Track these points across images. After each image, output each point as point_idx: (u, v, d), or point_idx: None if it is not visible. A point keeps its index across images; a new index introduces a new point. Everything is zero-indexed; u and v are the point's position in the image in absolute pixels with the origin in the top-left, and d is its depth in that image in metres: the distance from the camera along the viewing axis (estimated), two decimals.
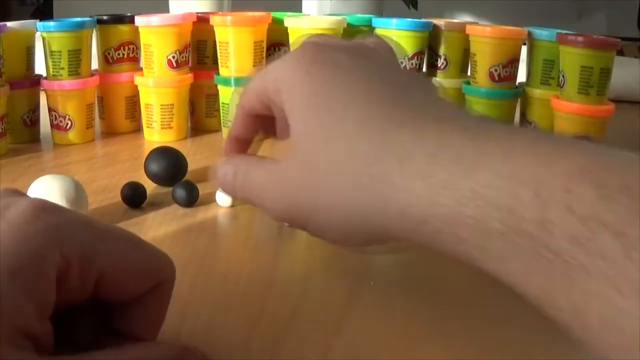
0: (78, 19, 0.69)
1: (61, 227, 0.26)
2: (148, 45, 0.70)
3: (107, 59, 0.72)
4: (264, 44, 0.72)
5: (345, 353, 0.32)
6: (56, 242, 0.25)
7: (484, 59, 0.69)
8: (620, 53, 1.11)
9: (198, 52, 0.75)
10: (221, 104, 0.73)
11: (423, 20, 0.72)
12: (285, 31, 0.72)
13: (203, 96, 0.76)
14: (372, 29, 0.74)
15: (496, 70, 0.69)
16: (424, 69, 0.75)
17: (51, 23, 0.67)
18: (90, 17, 0.70)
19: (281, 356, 0.31)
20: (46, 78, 0.69)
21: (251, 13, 0.72)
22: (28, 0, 2.42)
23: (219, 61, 0.72)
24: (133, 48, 0.73)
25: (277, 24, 0.73)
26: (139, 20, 0.70)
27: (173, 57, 0.70)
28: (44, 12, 2.24)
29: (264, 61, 0.72)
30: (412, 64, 0.71)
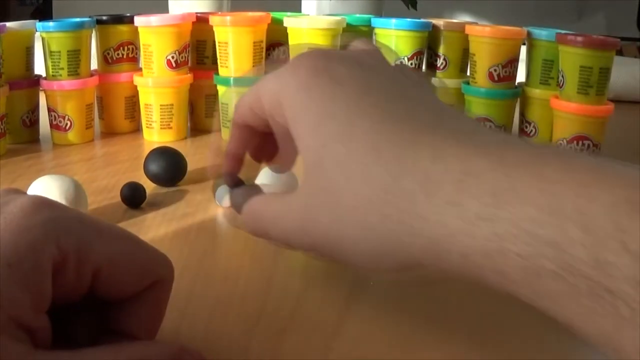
0: (77, 19, 0.69)
1: (58, 221, 0.26)
2: (147, 45, 0.70)
3: (107, 59, 0.72)
4: (264, 44, 0.72)
5: (345, 353, 0.32)
6: (53, 236, 0.25)
7: (484, 59, 0.69)
8: (619, 53, 1.11)
9: (197, 52, 0.75)
10: (220, 104, 0.73)
11: (422, 20, 0.72)
12: (284, 31, 0.72)
13: (202, 96, 0.76)
14: (372, 29, 0.74)
15: (495, 70, 0.69)
16: (424, 69, 0.75)
17: (50, 23, 0.67)
18: (89, 17, 0.70)
19: (281, 356, 0.31)
20: (45, 78, 0.69)
21: (250, 13, 0.72)
22: (27, 0, 2.42)
23: (219, 61, 0.72)
24: (132, 48, 0.73)
25: (277, 24, 0.73)
26: (139, 20, 0.70)
27: (172, 57, 0.70)
28: (44, 13, 2.24)
29: (263, 61, 0.72)
30: (412, 64, 0.71)
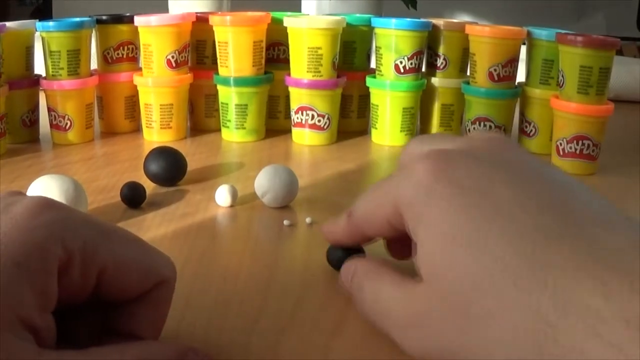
0: (77, 19, 0.69)
1: (65, 222, 0.26)
2: (147, 45, 0.70)
3: (107, 59, 0.72)
4: (264, 44, 0.72)
5: (345, 353, 0.32)
6: (59, 236, 0.25)
7: (484, 59, 0.69)
8: (619, 53, 1.11)
9: (197, 52, 0.75)
10: (220, 104, 0.73)
11: (422, 20, 0.72)
12: (284, 31, 0.72)
13: (202, 96, 0.76)
14: (371, 29, 0.74)
15: (495, 70, 0.69)
16: (423, 69, 0.75)
17: (50, 23, 0.67)
18: (89, 17, 0.70)
19: (281, 356, 0.31)
20: (45, 78, 0.69)
21: (250, 13, 0.72)
22: (27, 0, 2.42)
23: (218, 61, 0.72)
24: (132, 48, 0.73)
25: (277, 24, 0.73)
26: (138, 20, 0.70)
27: (172, 57, 0.70)
28: (43, 12, 2.23)
29: (263, 61, 0.72)
30: (412, 64, 0.70)
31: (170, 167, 0.55)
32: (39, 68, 0.72)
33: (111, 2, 1.19)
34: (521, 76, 0.72)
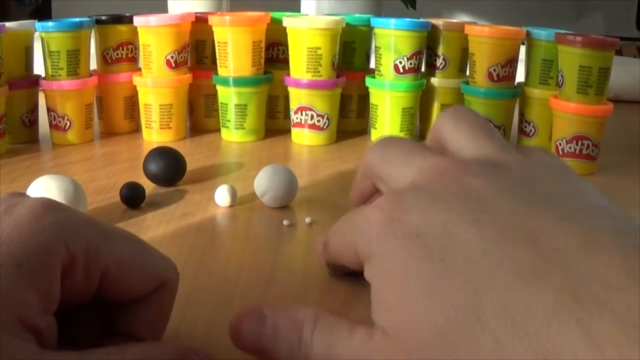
0: (77, 19, 0.69)
1: (68, 223, 0.26)
2: (147, 45, 0.70)
3: (106, 59, 0.72)
4: (263, 44, 0.72)
5: None
6: (62, 237, 0.25)
7: (483, 59, 0.69)
8: (618, 53, 1.11)
9: (197, 52, 0.75)
10: (220, 104, 0.73)
11: (421, 20, 0.72)
12: (283, 31, 0.72)
13: (202, 96, 0.76)
14: (371, 29, 0.74)
15: (495, 70, 0.69)
16: (423, 69, 0.75)
17: (50, 23, 0.67)
18: (88, 17, 0.70)
19: None
20: (45, 78, 0.69)
21: (250, 13, 0.72)
22: (26, 0, 2.42)
23: (218, 61, 0.72)
24: (132, 48, 0.73)
25: (276, 24, 0.73)
26: (138, 20, 0.70)
27: (172, 57, 0.70)
28: (43, 12, 2.24)
29: (263, 61, 0.72)
30: (411, 64, 0.71)
31: (169, 167, 0.55)
32: (39, 68, 0.72)
33: (110, 3, 1.19)
34: (520, 76, 0.72)
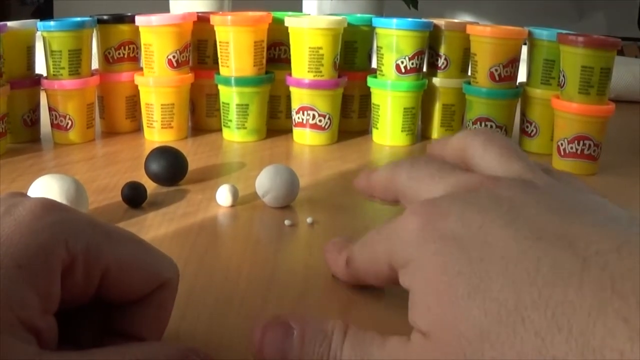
0: (78, 19, 0.69)
1: (68, 223, 0.26)
2: (148, 45, 0.70)
3: (108, 59, 0.72)
4: (265, 44, 0.72)
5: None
6: (62, 238, 0.25)
7: (485, 59, 0.69)
8: (620, 53, 1.11)
9: (198, 52, 0.75)
10: (221, 104, 0.73)
11: (423, 20, 0.72)
12: (285, 31, 0.72)
13: (203, 96, 0.76)
14: (373, 29, 0.74)
15: (496, 70, 0.69)
16: (425, 69, 0.75)
17: (51, 23, 0.67)
18: (90, 17, 0.70)
19: None
20: (46, 78, 0.69)
21: (251, 13, 0.72)
22: (28, 0, 2.42)
23: (220, 61, 0.72)
24: (133, 48, 0.73)
25: (278, 24, 0.73)
26: (139, 20, 0.70)
27: (173, 57, 0.70)
28: (45, 12, 2.24)
29: (264, 61, 0.72)
30: (413, 64, 0.70)
31: (171, 167, 0.55)
32: (40, 68, 0.72)
33: (112, 2, 1.19)
34: (522, 76, 0.72)
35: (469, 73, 0.73)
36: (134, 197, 0.51)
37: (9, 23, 0.67)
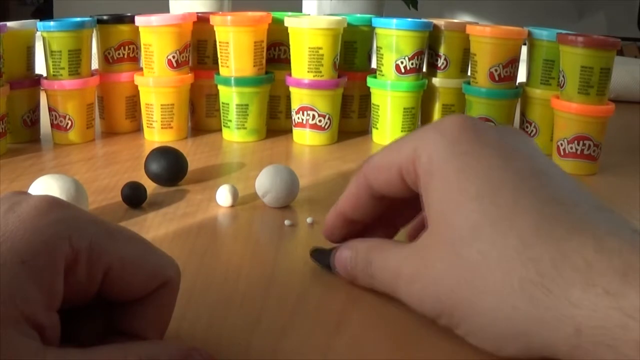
0: (78, 19, 0.69)
1: (72, 221, 0.26)
2: (148, 45, 0.70)
3: (107, 59, 0.72)
4: (264, 44, 0.72)
5: (345, 353, 0.32)
6: (66, 235, 0.26)
7: (484, 59, 0.69)
8: (620, 53, 1.11)
9: (198, 52, 0.75)
10: (221, 104, 0.73)
11: (423, 20, 0.72)
12: (285, 31, 0.72)
13: (203, 96, 0.76)
14: (372, 29, 0.74)
15: (496, 70, 0.69)
16: (424, 69, 0.75)
17: (51, 23, 0.67)
18: (90, 17, 0.70)
19: (281, 356, 0.32)
20: (46, 78, 0.69)
21: (251, 13, 0.72)
22: (28, 0, 2.42)
23: (219, 61, 0.72)
24: (133, 48, 0.73)
25: (277, 24, 0.73)
26: (139, 20, 0.70)
27: (173, 57, 0.70)
28: (44, 12, 2.24)
29: (264, 61, 0.72)
30: (412, 64, 0.71)
31: (171, 167, 0.55)
32: (40, 68, 0.72)
33: (112, 2, 1.20)
34: (522, 76, 0.72)
35: (469, 73, 0.73)
36: (134, 198, 0.51)
37: (9, 23, 0.67)
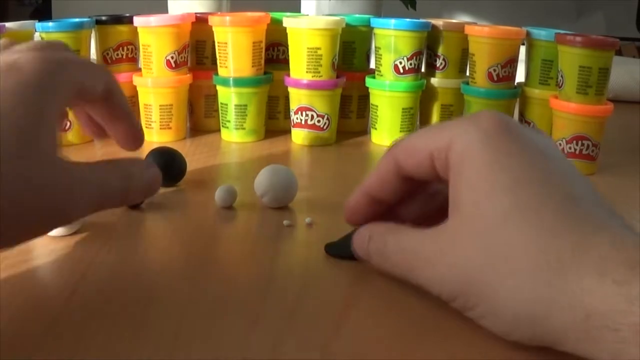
0: (77, 20, 0.69)
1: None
2: (147, 45, 0.70)
3: (106, 59, 0.72)
4: (263, 44, 0.72)
5: (345, 353, 0.32)
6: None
7: (483, 59, 0.69)
8: (618, 53, 1.11)
9: (197, 53, 0.75)
10: (220, 104, 0.73)
11: (421, 20, 0.72)
12: (284, 31, 0.72)
13: (202, 96, 0.76)
14: (371, 30, 0.74)
15: (495, 70, 0.69)
16: (423, 69, 0.75)
17: (50, 23, 0.67)
18: (88, 18, 0.70)
19: (281, 356, 0.31)
20: None
21: (250, 13, 0.72)
22: (27, 0, 2.42)
23: (218, 61, 0.72)
24: (132, 48, 0.73)
25: (276, 24, 0.73)
26: (138, 20, 0.70)
27: (172, 58, 0.70)
28: (43, 13, 2.24)
29: (263, 61, 0.72)
30: (411, 64, 0.71)
31: (169, 168, 0.55)
32: None
33: (110, 3, 1.19)
34: (520, 76, 0.72)
35: (467, 73, 0.74)
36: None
37: (7, 24, 0.67)
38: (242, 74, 0.71)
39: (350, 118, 0.78)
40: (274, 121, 0.77)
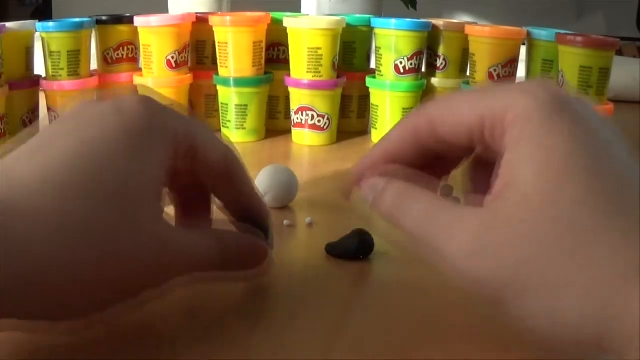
0: (77, 20, 0.69)
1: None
2: (147, 45, 0.70)
3: (107, 60, 0.72)
4: (263, 44, 0.72)
5: (345, 353, 0.32)
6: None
7: (483, 59, 0.69)
8: (619, 53, 1.11)
9: (197, 53, 0.75)
10: (220, 104, 0.73)
11: (422, 20, 0.72)
12: (284, 31, 0.72)
13: (202, 96, 0.76)
14: (371, 29, 0.74)
15: (495, 70, 0.69)
16: (423, 69, 0.75)
17: (50, 23, 0.67)
18: (89, 18, 0.70)
19: (281, 356, 0.31)
20: (45, 78, 0.69)
21: (250, 13, 0.72)
22: (27, 0, 2.42)
23: (218, 61, 0.72)
24: (132, 48, 0.73)
25: (276, 24, 0.73)
26: (138, 20, 0.70)
27: (172, 58, 0.70)
28: (43, 13, 2.24)
29: (263, 61, 0.72)
30: (411, 64, 0.71)
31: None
32: (39, 68, 0.72)
33: (111, 3, 1.19)
34: (521, 76, 0.72)
35: (468, 73, 0.74)
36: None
37: (8, 24, 0.67)
38: (243, 74, 0.71)
39: (350, 118, 0.78)
40: (275, 121, 0.77)
